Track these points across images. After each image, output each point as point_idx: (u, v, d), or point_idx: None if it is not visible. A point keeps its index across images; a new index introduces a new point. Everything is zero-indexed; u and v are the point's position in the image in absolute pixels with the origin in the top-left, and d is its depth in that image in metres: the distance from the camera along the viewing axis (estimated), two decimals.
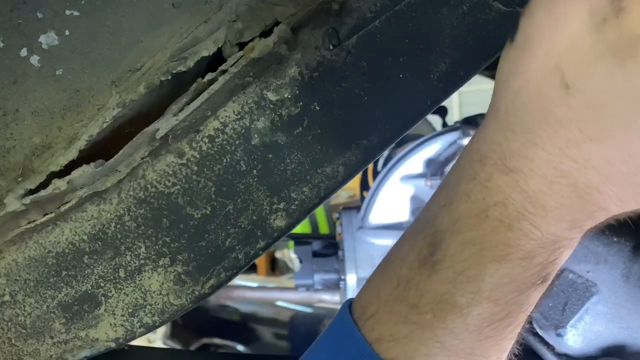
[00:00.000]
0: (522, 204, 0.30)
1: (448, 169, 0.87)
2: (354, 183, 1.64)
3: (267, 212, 0.46)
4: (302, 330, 1.71)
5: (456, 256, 0.32)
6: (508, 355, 0.35)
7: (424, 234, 0.34)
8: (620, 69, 0.25)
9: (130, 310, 0.47)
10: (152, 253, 0.46)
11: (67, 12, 0.42)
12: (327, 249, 1.08)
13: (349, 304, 0.37)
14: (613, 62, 0.26)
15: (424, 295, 0.33)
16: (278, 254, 2.05)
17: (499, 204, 0.30)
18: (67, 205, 0.43)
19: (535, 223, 0.30)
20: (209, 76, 0.42)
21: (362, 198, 1.48)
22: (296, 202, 0.46)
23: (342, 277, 0.94)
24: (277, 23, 0.42)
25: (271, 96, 0.44)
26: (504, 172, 0.30)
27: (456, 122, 0.99)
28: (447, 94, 0.45)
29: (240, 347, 1.74)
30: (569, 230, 0.31)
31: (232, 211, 0.46)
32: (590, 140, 0.27)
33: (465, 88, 0.46)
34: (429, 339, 0.32)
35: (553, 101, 0.28)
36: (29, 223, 0.44)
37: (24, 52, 0.42)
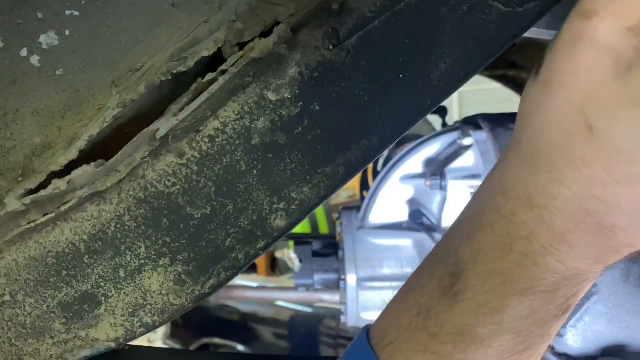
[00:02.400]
0: (548, 240, 0.30)
1: (448, 169, 0.87)
2: (354, 183, 1.65)
3: (267, 212, 0.46)
4: (302, 330, 1.71)
5: (479, 287, 0.32)
6: None
7: (445, 263, 0.34)
8: None
9: (130, 310, 0.47)
10: (152, 253, 0.46)
11: (67, 12, 0.42)
12: (327, 249, 1.08)
13: (367, 330, 0.37)
14: (638, 111, 0.26)
15: (445, 325, 0.33)
16: (278, 254, 2.05)
17: (523, 238, 0.31)
18: (67, 205, 0.43)
19: (560, 259, 0.30)
20: (209, 76, 0.42)
21: (362, 198, 1.48)
22: (296, 202, 0.46)
23: (342, 277, 0.94)
24: (277, 23, 0.42)
25: (271, 96, 0.44)
26: (529, 207, 0.30)
27: (456, 122, 0.98)
28: (447, 94, 0.45)
29: (240, 347, 1.74)
30: (594, 265, 0.31)
31: (232, 211, 0.46)
32: (617, 183, 0.28)
33: (465, 88, 0.46)
34: None
35: (578, 142, 0.28)
36: (29, 223, 0.44)
37: (24, 52, 0.42)
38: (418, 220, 0.90)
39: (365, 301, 0.94)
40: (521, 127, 0.32)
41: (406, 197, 0.95)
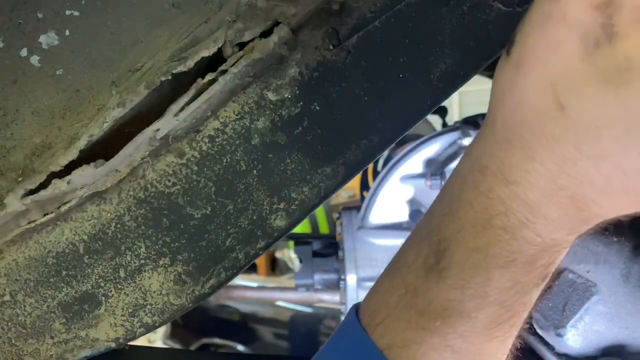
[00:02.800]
0: (524, 214, 0.31)
1: (448, 169, 0.87)
2: (354, 183, 1.64)
3: (267, 212, 0.46)
4: (302, 330, 1.71)
5: (462, 263, 0.33)
6: (511, 349, 0.36)
7: (429, 241, 0.35)
8: (614, 95, 0.26)
9: (130, 310, 0.47)
10: (152, 253, 0.46)
11: (67, 12, 0.42)
12: (327, 249, 1.08)
13: (356, 310, 0.38)
14: (607, 88, 0.26)
15: (433, 301, 0.34)
16: (278, 254, 2.05)
17: (501, 214, 0.32)
18: (68, 205, 0.43)
19: (537, 231, 0.32)
20: (209, 76, 0.42)
21: (362, 198, 1.48)
22: (296, 202, 0.46)
23: (342, 277, 0.94)
24: (277, 23, 0.42)
25: (271, 96, 0.44)
26: (504, 183, 0.32)
27: (456, 122, 0.98)
28: (447, 94, 0.45)
29: (240, 347, 1.74)
30: (568, 235, 0.33)
31: (232, 211, 0.46)
32: (587, 159, 0.28)
33: (465, 88, 0.46)
34: (439, 343, 0.34)
35: (549, 120, 0.29)
36: (29, 223, 0.44)
37: (24, 52, 0.42)
38: (418, 220, 0.90)
39: None
40: (495, 106, 0.33)
41: (406, 197, 0.95)
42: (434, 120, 1.57)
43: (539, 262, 0.33)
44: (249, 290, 1.80)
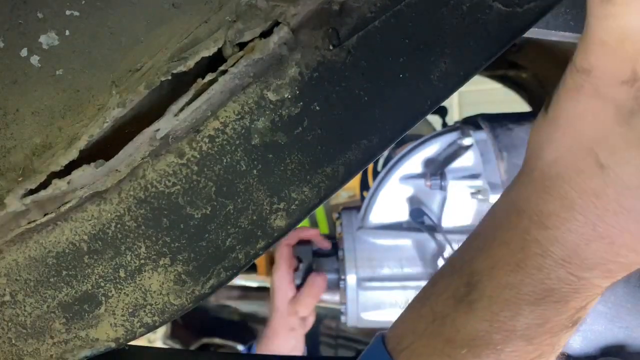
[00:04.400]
0: (560, 256, 0.33)
1: (448, 169, 0.87)
2: (354, 183, 1.64)
3: (267, 212, 0.46)
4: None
5: (493, 297, 0.35)
6: None
7: (460, 274, 0.37)
8: None
9: (130, 310, 0.47)
10: (153, 253, 0.46)
11: (68, 12, 0.42)
12: (327, 250, 1.08)
13: (382, 337, 0.40)
14: None
15: (460, 330, 0.35)
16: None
17: (537, 255, 0.34)
18: (68, 205, 0.43)
19: (571, 271, 0.33)
20: (209, 76, 0.42)
21: (362, 198, 1.48)
22: (296, 202, 0.46)
23: (342, 277, 0.94)
24: (277, 23, 0.42)
25: (271, 96, 0.44)
26: (542, 228, 0.34)
27: (456, 122, 0.98)
28: (447, 94, 0.45)
29: (240, 347, 1.74)
30: (604, 278, 0.34)
31: (232, 211, 0.46)
32: (628, 213, 0.31)
33: (465, 88, 0.46)
34: None
35: (589, 177, 0.32)
36: (29, 223, 0.44)
37: (24, 52, 0.42)
38: (419, 219, 0.90)
39: (365, 301, 0.94)
40: (532, 157, 0.36)
41: (406, 197, 0.95)
42: (434, 120, 1.57)
43: (571, 303, 0.34)
44: (249, 290, 1.80)
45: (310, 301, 1.00)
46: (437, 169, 0.90)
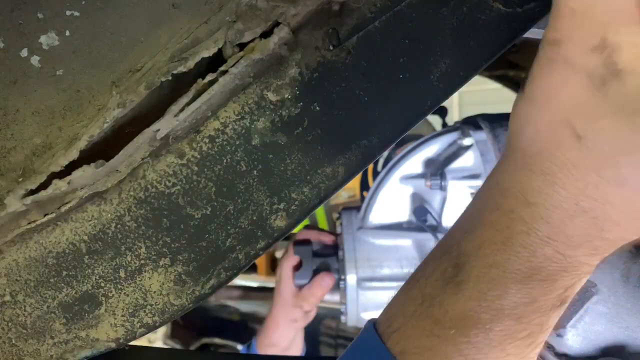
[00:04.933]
0: (545, 233, 0.33)
1: (448, 169, 0.87)
2: (354, 183, 1.65)
3: (268, 212, 0.46)
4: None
5: (480, 277, 0.35)
6: None
7: (448, 255, 0.37)
8: (628, 125, 0.29)
9: (130, 311, 0.47)
10: (153, 253, 0.46)
11: (68, 13, 0.42)
12: (327, 249, 1.08)
13: (373, 322, 0.40)
14: (621, 118, 0.29)
15: (449, 311, 0.35)
16: (278, 254, 2.05)
17: (522, 232, 0.34)
18: (68, 206, 0.43)
19: (557, 249, 0.33)
20: (210, 77, 0.42)
21: (362, 198, 1.48)
22: (296, 202, 0.46)
23: (342, 277, 0.94)
24: (277, 23, 0.42)
25: (271, 96, 0.44)
26: (526, 205, 0.34)
27: (456, 122, 0.98)
28: (447, 94, 0.45)
29: (240, 347, 1.74)
30: (590, 256, 0.34)
31: (232, 211, 0.46)
32: (608, 183, 0.31)
33: (465, 88, 0.46)
34: (453, 352, 0.34)
35: (567, 149, 0.31)
36: (29, 223, 0.44)
37: (24, 53, 0.42)
38: (422, 217, 0.90)
39: (365, 301, 0.94)
40: (514, 137, 0.36)
41: (406, 197, 0.95)
42: (434, 120, 1.57)
43: (559, 282, 0.34)
44: (249, 290, 1.80)
45: (315, 299, 1.01)
46: (437, 169, 0.90)
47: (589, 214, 0.32)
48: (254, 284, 1.91)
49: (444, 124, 1.32)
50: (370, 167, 1.41)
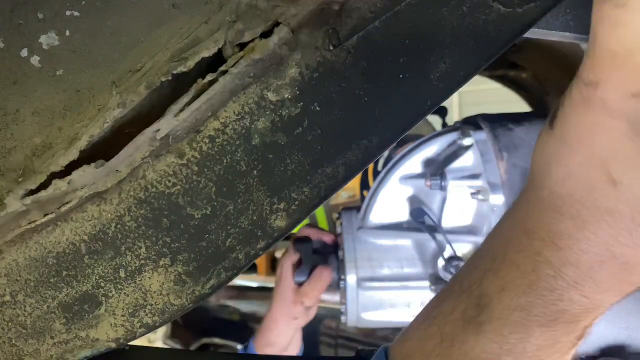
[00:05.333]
0: (573, 278, 0.33)
1: (448, 169, 0.87)
2: (354, 183, 1.64)
3: (268, 212, 0.46)
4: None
5: (503, 319, 0.34)
6: None
7: (468, 294, 0.36)
8: None
9: (130, 310, 0.47)
10: (153, 253, 0.46)
11: (68, 13, 0.42)
12: (327, 248, 1.08)
13: (385, 353, 0.39)
14: None
15: (469, 353, 0.35)
16: (278, 254, 2.05)
17: (549, 276, 0.33)
18: (68, 206, 0.43)
19: (584, 293, 0.33)
20: (210, 77, 0.42)
21: (362, 197, 1.48)
22: (296, 202, 0.46)
23: (342, 277, 0.94)
24: (277, 23, 0.42)
25: (271, 96, 0.44)
26: (554, 249, 0.33)
27: (456, 122, 0.98)
28: (447, 94, 0.45)
29: (240, 347, 1.74)
30: (615, 297, 0.34)
31: (232, 211, 0.46)
32: None
33: (465, 88, 0.46)
34: None
35: (601, 194, 0.31)
36: (29, 223, 0.44)
37: (24, 53, 0.42)
38: (419, 218, 0.90)
39: (365, 301, 0.94)
40: (540, 174, 0.35)
41: (406, 197, 0.95)
42: (434, 120, 1.57)
43: (582, 323, 0.34)
44: (249, 290, 1.80)
45: (316, 293, 1.01)
46: (437, 169, 0.90)
47: (619, 260, 0.31)
48: (254, 284, 1.91)
49: (444, 124, 1.32)
50: (371, 166, 1.41)
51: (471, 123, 0.88)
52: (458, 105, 3.75)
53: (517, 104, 1.48)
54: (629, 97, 0.29)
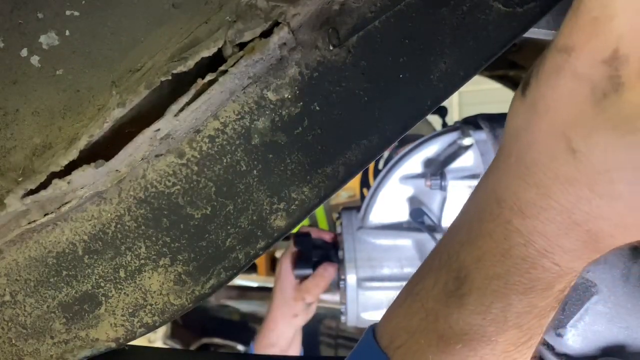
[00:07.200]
0: (542, 245, 0.33)
1: (448, 169, 0.87)
2: (354, 183, 1.64)
3: (267, 212, 0.46)
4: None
5: (483, 290, 0.35)
6: None
7: (448, 268, 0.37)
8: (622, 142, 0.28)
9: (130, 310, 0.47)
10: (153, 253, 0.46)
11: (68, 13, 0.42)
12: (327, 245, 1.08)
13: (372, 333, 0.40)
14: (615, 134, 0.28)
15: (453, 326, 0.35)
16: (278, 254, 2.05)
17: (520, 245, 0.34)
18: (68, 205, 0.43)
19: (554, 260, 0.34)
20: (209, 76, 0.42)
21: (362, 196, 1.48)
22: (296, 202, 0.46)
23: (342, 277, 0.94)
24: (277, 23, 0.42)
25: (271, 96, 0.44)
26: (522, 217, 0.34)
27: (456, 122, 0.98)
28: (447, 94, 0.45)
29: (240, 347, 1.74)
30: (585, 263, 0.34)
31: (232, 211, 0.46)
32: (600, 198, 0.31)
33: (465, 88, 0.46)
34: None
35: (562, 163, 0.31)
36: (29, 223, 0.44)
37: (24, 53, 0.42)
38: (419, 219, 0.90)
39: (365, 301, 0.94)
40: (509, 141, 0.35)
41: (406, 197, 0.95)
42: (434, 120, 1.57)
43: (556, 287, 0.35)
44: (249, 290, 1.80)
45: (318, 290, 1.01)
46: (437, 169, 0.90)
47: (583, 227, 0.32)
48: (254, 284, 1.91)
49: (444, 124, 1.32)
50: (371, 165, 1.41)
51: (471, 123, 0.88)
52: (458, 105, 3.75)
53: None
54: (599, 64, 0.28)
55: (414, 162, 0.93)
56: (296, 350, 1.09)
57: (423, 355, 0.36)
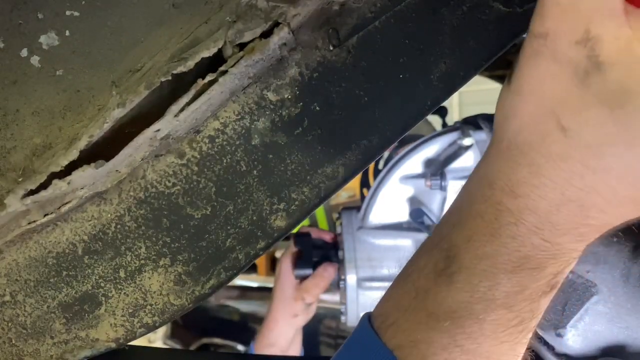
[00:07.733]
0: (533, 223, 0.34)
1: (448, 169, 0.87)
2: (354, 183, 1.64)
3: (268, 212, 0.46)
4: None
5: (471, 268, 0.35)
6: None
7: (439, 248, 0.38)
8: (611, 116, 0.30)
9: (130, 311, 0.47)
10: (153, 253, 0.46)
11: (68, 13, 0.42)
12: (327, 245, 1.08)
13: (368, 317, 0.40)
14: (603, 110, 0.30)
15: (442, 303, 0.36)
16: (278, 254, 2.05)
17: (510, 224, 0.35)
18: (68, 206, 0.43)
19: (545, 237, 0.34)
20: (210, 77, 0.42)
21: (362, 196, 1.48)
22: (296, 203, 0.46)
23: (342, 277, 0.94)
24: (277, 24, 0.42)
25: (271, 96, 0.44)
26: (513, 196, 0.34)
27: (456, 122, 0.98)
28: (447, 94, 0.45)
29: (240, 347, 1.74)
30: (577, 242, 0.35)
31: (232, 211, 0.46)
32: (593, 173, 0.31)
33: (465, 88, 0.46)
34: (448, 343, 0.35)
35: (553, 141, 0.32)
36: (29, 223, 0.44)
37: (24, 53, 0.42)
38: (419, 219, 0.90)
39: (365, 301, 0.94)
40: (499, 128, 0.36)
41: (406, 197, 0.95)
42: (434, 120, 1.57)
43: (548, 269, 0.35)
44: (249, 290, 1.80)
45: (318, 290, 1.01)
46: (437, 169, 0.90)
47: (575, 202, 0.33)
48: (254, 284, 1.91)
49: (444, 124, 1.32)
50: (371, 165, 1.41)
51: (471, 123, 0.88)
52: (458, 105, 3.75)
53: None
54: (573, 44, 0.30)
55: (414, 162, 0.93)
56: (296, 350, 1.10)
57: (412, 333, 0.36)
